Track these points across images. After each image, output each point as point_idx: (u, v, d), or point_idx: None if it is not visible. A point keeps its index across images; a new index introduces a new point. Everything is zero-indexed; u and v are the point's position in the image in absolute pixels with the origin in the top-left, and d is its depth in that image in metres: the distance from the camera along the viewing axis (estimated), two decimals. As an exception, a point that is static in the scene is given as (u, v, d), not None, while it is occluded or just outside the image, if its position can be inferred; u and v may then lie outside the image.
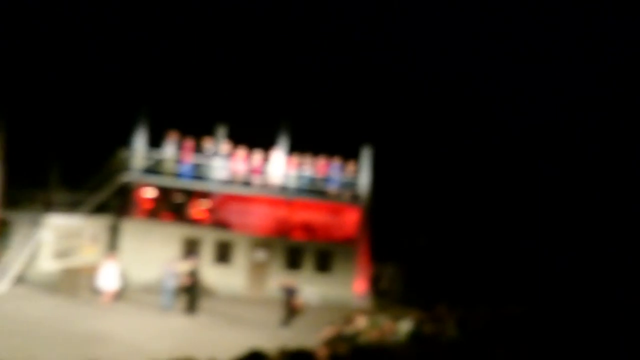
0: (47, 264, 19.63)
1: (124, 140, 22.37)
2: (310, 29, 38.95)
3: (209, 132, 22.77)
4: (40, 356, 12.28)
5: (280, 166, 23.04)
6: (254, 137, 23.14)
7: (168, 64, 36.04)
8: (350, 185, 23.51)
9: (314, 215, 24.41)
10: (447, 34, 39.62)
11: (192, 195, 23.71)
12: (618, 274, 23.93)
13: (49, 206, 20.47)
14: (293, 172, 23.12)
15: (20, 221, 19.94)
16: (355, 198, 23.53)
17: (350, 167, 23.52)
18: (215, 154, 22.51)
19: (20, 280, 19.14)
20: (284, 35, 38.62)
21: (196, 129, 22.87)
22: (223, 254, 22.14)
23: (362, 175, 23.41)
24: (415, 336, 12.94)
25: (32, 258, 19.47)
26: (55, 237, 19.93)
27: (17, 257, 18.99)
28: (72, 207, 21.16)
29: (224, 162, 22.56)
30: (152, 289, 20.23)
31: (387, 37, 40.84)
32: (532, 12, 39.60)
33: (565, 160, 33.37)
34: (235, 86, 35.67)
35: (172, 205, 23.56)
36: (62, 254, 20.14)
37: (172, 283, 18.34)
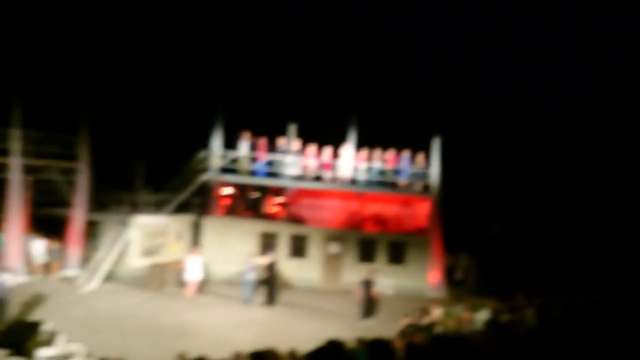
0: (135, 261, 20.90)
1: (202, 142, 23.39)
2: (374, 22, 39.03)
3: (281, 130, 23.41)
4: (132, 349, 13.15)
5: (350, 160, 23.36)
6: (323, 133, 23.59)
7: (239, 67, 37.18)
8: (421, 176, 23.49)
9: (385, 207, 24.58)
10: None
11: (266, 191, 24.50)
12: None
13: (135, 207, 21.73)
14: (363, 166, 23.39)
15: (108, 222, 21.30)
16: (426, 189, 23.50)
17: (420, 158, 23.49)
18: (287, 151, 23.12)
19: (110, 277, 20.50)
20: (349, 31, 38.88)
21: (268, 128, 23.58)
22: (298, 247, 22.76)
23: (433, 165, 23.33)
24: (492, 325, 12.95)
25: (121, 256, 20.78)
26: (142, 235, 21.18)
27: (107, 256, 20.34)
28: (156, 207, 22.41)
29: (296, 159, 23.14)
30: (232, 282, 21.14)
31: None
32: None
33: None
34: (304, 85, 36.31)
35: (248, 202, 24.44)
36: (148, 251, 21.40)
37: (252, 276, 19.11)
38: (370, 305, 17.83)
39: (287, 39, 38.73)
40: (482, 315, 13.93)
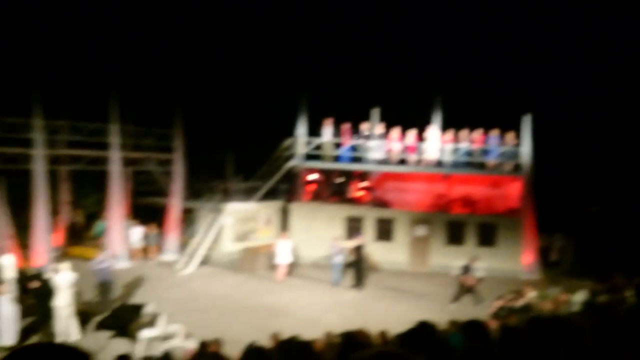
0: (229, 246, 21.76)
1: (287, 130, 23.87)
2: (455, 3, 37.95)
3: (364, 115, 23.40)
4: (228, 328, 13.74)
5: (436, 142, 22.98)
6: (407, 116, 23.32)
7: (322, 55, 37.45)
8: (511, 155, 22.68)
9: (474, 188, 23.98)
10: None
11: (351, 176, 24.64)
12: None
13: (227, 194, 22.56)
14: (449, 147, 22.93)
15: (203, 209, 22.28)
16: (517, 168, 22.68)
17: (510, 137, 22.67)
18: (371, 135, 23.10)
19: (206, 261, 21.48)
20: (429, 10, 37.99)
21: (351, 114, 23.66)
22: (384, 230, 22.75)
23: (524, 144, 22.44)
24: (590, 306, 12.38)
25: (215, 241, 21.70)
26: (234, 221, 21.99)
27: (202, 241, 21.32)
28: (246, 194, 23.18)
29: (380, 143, 23.07)
30: (319, 265, 21.52)
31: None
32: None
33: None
34: (386, 68, 36.01)
35: (333, 187, 24.70)
36: (240, 236, 22.21)
37: (339, 259, 19.35)
38: (466, 291, 17.46)
39: (367, 23, 38.51)
40: (580, 297, 13.36)
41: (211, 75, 35.86)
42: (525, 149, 22.38)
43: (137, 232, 21.98)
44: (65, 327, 12.94)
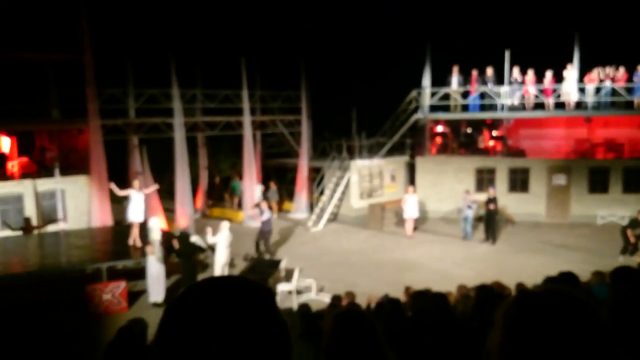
0: (356, 203, 21.99)
1: (412, 83, 23.30)
2: None
3: (493, 60, 22.09)
4: (359, 282, 13.96)
5: (574, 83, 21.16)
6: (541, 58, 21.65)
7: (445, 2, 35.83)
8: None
9: (619, 130, 21.89)
10: None
11: (481, 125, 23.57)
12: None
13: (352, 152, 22.68)
14: (590, 87, 21.02)
15: (329, 168, 22.63)
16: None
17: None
18: (502, 80, 21.80)
19: (335, 218, 21.92)
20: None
21: (480, 60, 22.44)
22: (519, 181, 21.61)
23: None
24: None
25: (343, 198, 22.02)
26: (360, 178, 22.12)
27: (330, 199, 21.74)
28: (372, 150, 23.16)
29: (513, 88, 21.72)
30: (448, 220, 21.07)
31: None
32: None
33: None
34: (516, 9, 33.61)
35: (461, 138, 23.82)
36: (367, 192, 22.32)
37: (470, 213, 18.76)
38: (628, 244, 16.04)
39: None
40: None
41: (334, 33, 35.85)
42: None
43: (258, 189, 22.89)
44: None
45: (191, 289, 1.10)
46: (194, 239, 14.66)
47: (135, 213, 14.58)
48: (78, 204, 18.32)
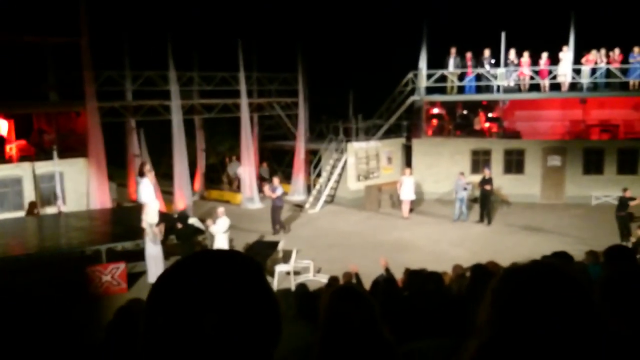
0: (353, 185, 22.15)
1: (409, 65, 23.30)
2: None
3: (489, 42, 22.10)
4: (357, 263, 13.99)
5: (569, 64, 21.23)
6: (536, 39, 21.67)
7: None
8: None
9: (614, 112, 22.03)
10: None
11: (477, 107, 23.65)
12: None
13: (349, 134, 22.76)
14: (585, 69, 21.11)
15: (326, 150, 22.71)
16: (664, 87, 20.45)
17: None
18: (498, 62, 21.85)
19: (331, 200, 22.10)
20: None
21: (476, 41, 22.44)
22: (514, 162, 21.78)
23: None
24: None
25: (339, 180, 22.17)
26: (357, 160, 22.24)
27: (327, 181, 21.89)
28: (368, 132, 23.25)
29: (508, 70, 21.78)
30: (444, 201, 21.26)
31: None
32: None
33: None
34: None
35: (457, 120, 23.91)
36: (364, 174, 22.47)
37: (464, 194, 18.91)
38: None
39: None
40: None
41: (331, 16, 35.64)
42: (676, 65, 20.04)
43: (241, 169, 22.99)
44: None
45: (180, 262, 1.11)
46: (192, 220, 14.82)
47: (147, 195, 14.69)
48: (77, 186, 18.44)
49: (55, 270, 13.37)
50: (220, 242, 13.95)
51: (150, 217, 13.52)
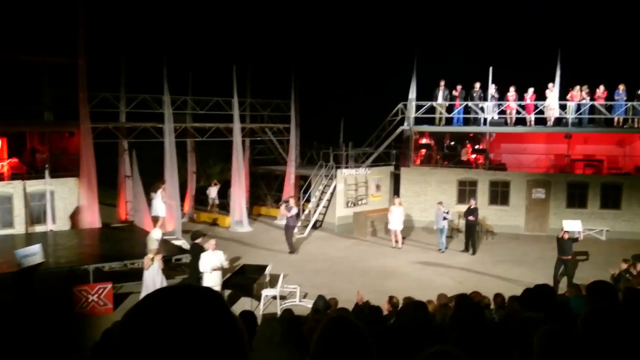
0: (341, 211, 22.38)
1: (398, 96, 23.84)
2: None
3: (478, 76, 22.70)
4: (342, 289, 14.28)
5: (555, 100, 21.82)
6: (524, 75, 22.32)
7: (431, 18, 36.49)
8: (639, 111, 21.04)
9: (597, 147, 22.59)
10: None
11: (464, 138, 24.14)
12: None
13: (339, 161, 23.06)
14: (571, 104, 21.70)
15: (317, 176, 22.97)
16: (646, 124, 21.04)
17: (639, 91, 20.98)
18: (485, 96, 22.41)
19: (320, 225, 22.29)
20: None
21: (465, 75, 23.05)
22: (499, 193, 22.17)
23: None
24: None
25: (328, 206, 22.40)
26: (346, 186, 22.52)
27: (316, 207, 22.11)
28: (358, 160, 23.60)
29: (495, 104, 22.32)
30: (431, 229, 21.50)
31: None
32: None
33: None
34: (500, 28, 34.38)
35: (445, 150, 24.35)
36: (352, 201, 22.73)
37: (444, 223, 19.03)
38: None
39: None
40: None
41: (325, 45, 36.34)
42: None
43: (213, 191, 24.26)
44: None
45: (144, 299, 1.17)
46: (180, 242, 14.91)
47: (160, 209, 18.27)
48: (67, 205, 18.52)
49: (42, 288, 13.39)
50: (211, 279, 12.81)
51: (156, 233, 13.58)
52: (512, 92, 22.45)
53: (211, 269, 12.58)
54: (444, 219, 18.90)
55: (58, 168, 18.66)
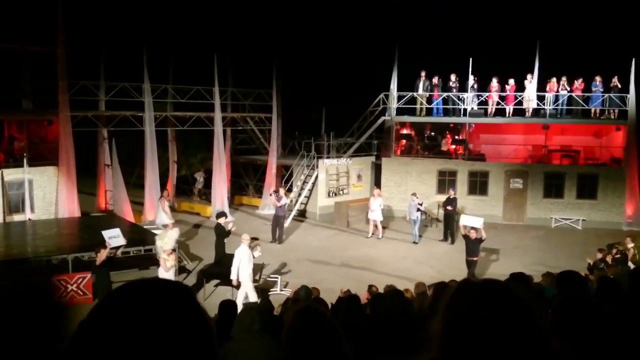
0: (323, 200, 22.50)
1: (380, 86, 23.92)
2: None
3: (458, 67, 22.89)
4: (323, 278, 14.46)
5: (534, 91, 22.11)
6: (503, 66, 22.54)
7: (415, 8, 36.57)
8: (616, 102, 21.41)
9: (574, 138, 22.98)
10: None
11: (444, 129, 24.35)
12: None
13: (321, 151, 23.13)
14: (549, 96, 22.00)
15: (298, 166, 23.04)
16: (622, 116, 21.42)
17: (615, 83, 21.34)
18: (465, 87, 22.61)
19: (301, 215, 22.39)
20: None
21: (445, 66, 23.21)
22: (477, 184, 22.45)
23: (630, 90, 21.07)
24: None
25: (310, 196, 22.50)
26: (328, 176, 22.62)
27: (297, 196, 22.20)
28: (340, 150, 23.70)
29: (475, 94, 22.54)
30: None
31: None
32: None
33: None
34: (481, 18, 34.60)
35: (426, 140, 24.54)
36: (334, 190, 22.86)
37: (417, 214, 19.07)
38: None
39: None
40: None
41: (307, 35, 36.23)
42: (632, 95, 21.04)
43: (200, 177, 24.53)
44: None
45: (111, 293, 1.15)
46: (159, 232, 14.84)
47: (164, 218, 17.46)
48: (46, 194, 18.36)
49: (21, 277, 13.32)
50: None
51: (169, 243, 13.45)
52: (494, 83, 22.67)
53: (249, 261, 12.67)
54: (418, 210, 19.01)
55: (37, 156, 18.46)
